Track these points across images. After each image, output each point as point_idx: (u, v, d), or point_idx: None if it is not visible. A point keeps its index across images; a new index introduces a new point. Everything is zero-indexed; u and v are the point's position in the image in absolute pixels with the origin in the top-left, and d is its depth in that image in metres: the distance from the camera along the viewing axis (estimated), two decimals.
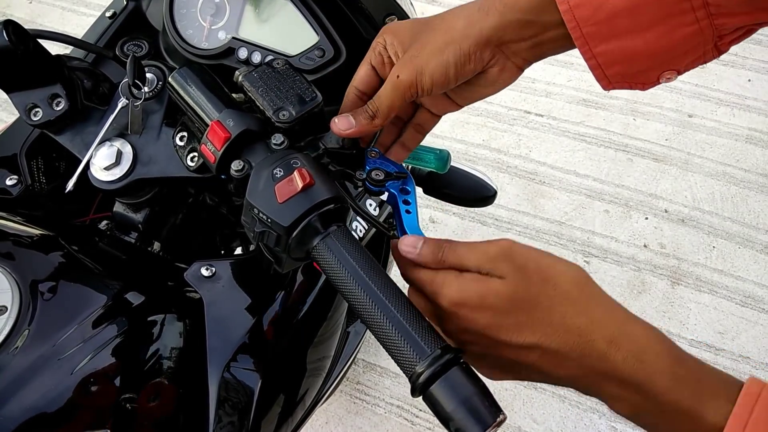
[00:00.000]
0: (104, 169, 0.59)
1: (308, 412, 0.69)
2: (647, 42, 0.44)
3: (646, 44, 0.44)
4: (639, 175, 1.83)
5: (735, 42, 0.44)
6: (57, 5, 2.48)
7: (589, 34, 0.44)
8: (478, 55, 0.48)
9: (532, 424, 1.41)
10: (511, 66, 0.50)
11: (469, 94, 0.54)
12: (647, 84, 0.48)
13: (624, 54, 0.45)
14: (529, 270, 0.42)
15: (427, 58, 0.48)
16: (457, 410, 0.38)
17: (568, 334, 0.40)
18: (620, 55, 0.45)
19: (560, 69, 2.11)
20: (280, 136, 0.50)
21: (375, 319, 0.42)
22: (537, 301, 0.41)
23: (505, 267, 0.42)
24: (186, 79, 0.53)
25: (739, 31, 0.43)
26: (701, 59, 0.45)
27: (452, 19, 0.49)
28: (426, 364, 0.39)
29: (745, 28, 0.43)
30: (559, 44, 0.48)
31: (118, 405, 0.48)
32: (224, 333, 0.55)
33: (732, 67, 2.09)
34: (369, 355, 1.52)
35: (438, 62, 0.48)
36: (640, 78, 0.48)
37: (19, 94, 0.60)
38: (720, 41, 0.44)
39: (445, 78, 0.49)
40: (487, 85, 0.52)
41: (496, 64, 0.50)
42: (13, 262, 0.51)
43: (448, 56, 0.48)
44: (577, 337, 0.40)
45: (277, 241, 0.45)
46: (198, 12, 0.71)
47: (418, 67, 0.49)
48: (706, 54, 0.45)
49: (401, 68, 0.50)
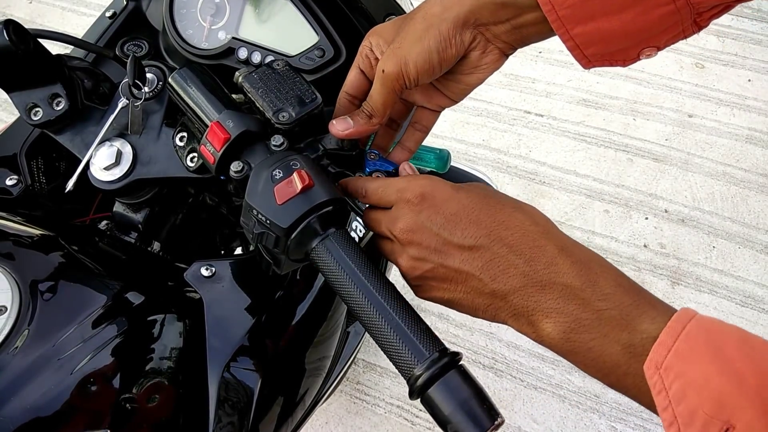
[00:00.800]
0: (104, 169, 0.59)
1: (308, 412, 0.69)
2: (623, 22, 0.44)
3: (623, 24, 0.44)
4: (639, 175, 1.83)
5: (715, 17, 0.44)
6: (57, 5, 2.48)
7: (564, 16, 0.45)
8: (458, 38, 0.48)
9: (532, 424, 1.41)
10: (492, 49, 0.50)
11: (456, 84, 0.54)
12: (627, 61, 0.48)
13: (601, 34, 0.45)
14: (499, 194, 0.46)
15: (409, 48, 0.49)
16: (454, 413, 0.38)
17: (524, 236, 0.42)
18: (597, 36, 0.45)
19: (560, 69, 2.11)
20: (280, 138, 0.50)
21: (373, 321, 0.42)
22: (500, 208, 0.44)
23: (478, 188, 0.46)
24: (186, 80, 0.53)
25: (717, 8, 0.43)
26: (681, 35, 0.45)
27: (429, 7, 0.49)
28: (424, 367, 0.39)
29: (723, 5, 0.43)
30: (539, 29, 0.48)
31: (118, 405, 0.48)
32: (224, 333, 0.55)
33: (732, 67, 2.09)
34: (369, 355, 1.52)
35: (420, 50, 0.48)
36: (619, 56, 0.48)
37: (20, 94, 0.60)
38: (699, 18, 0.44)
39: (429, 65, 0.49)
40: (471, 71, 0.52)
41: (477, 47, 0.50)
42: (13, 262, 0.51)
43: (428, 42, 0.48)
44: (531, 242, 0.41)
45: (276, 242, 0.45)
46: (198, 12, 0.71)
47: (401, 57, 0.49)
48: (686, 30, 0.45)
49: (385, 62, 0.50)
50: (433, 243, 0.44)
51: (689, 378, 0.32)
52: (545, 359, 1.50)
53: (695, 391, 0.32)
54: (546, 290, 0.40)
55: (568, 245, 0.42)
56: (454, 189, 0.46)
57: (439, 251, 0.44)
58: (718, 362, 0.32)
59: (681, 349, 0.33)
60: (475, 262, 0.42)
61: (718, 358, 0.32)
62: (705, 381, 0.32)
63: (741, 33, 2.19)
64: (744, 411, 0.30)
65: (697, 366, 0.32)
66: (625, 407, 1.42)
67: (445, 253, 0.44)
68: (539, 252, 0.41)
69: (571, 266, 0.40)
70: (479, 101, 2.03)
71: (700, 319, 0.35)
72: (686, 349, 0.33)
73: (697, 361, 0.32)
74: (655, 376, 0.34)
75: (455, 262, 0.43)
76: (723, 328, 0.34)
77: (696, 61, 2.11)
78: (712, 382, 0.31)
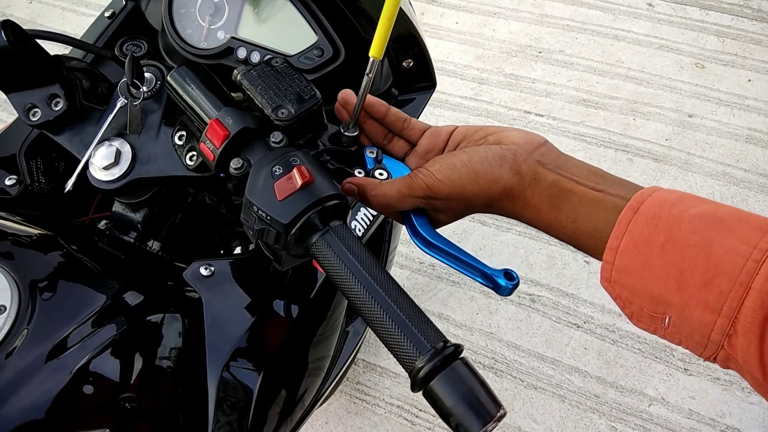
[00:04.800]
0: (103, 168, 0.59)
1: (307, 412, 0.69)
2: None
3: None
4: (639, 175, 1.83)
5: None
6: (57, 5, 2.48)
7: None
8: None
9: (532, 424, 1.41)
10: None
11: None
12: None
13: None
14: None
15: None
16: (457, 405, 0.38)
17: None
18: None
19: (560, 69, 2.11)
20: (279, 134, 0.50)
21: (374, 314, 0.42)
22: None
23: None
24: (184, 78, 0.53)
25: None
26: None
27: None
28: (426, 359, 0.39)
29: None
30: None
31: (117, 404, 0.48)
32: (223, 332, 0.55)
33: (732, 67, 2.09)
34: (369, 355, 1.52)
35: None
36: None
37: (18, 95, 0.60)
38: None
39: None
40: None
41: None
42: (12, 262, 0.51)
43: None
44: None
45: (276, 238, 0.45)
46: (197, 12, 0.71)
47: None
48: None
49: None
50: None
51: (630, 287, 0.41)
52: (545, 359, 1.50)
53: (636, 295, 0.41)
54: None
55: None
56: None
57: None
58: (648, 273, 0.40)
59: (620, 265, 0.41)
60: None
61: (647, 269, 0.40)
62: (641, 288, 0.41)
63: (741, 33, 2.19)
64: (673, 305, 0.39)
65: (633, 278, 0.41)
66: (625, 407, 1.42)
67: None
68: None
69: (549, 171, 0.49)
70: (479, 101, 2.03)
71: (632, 230, 0.41)
72: (623, 265, 0.41)
73: (632, 274, 0.41)
74: (609, 287, 0.43)
75: None
76: (651, 234, 0.40)
77: (696, 61, 2.11)
78: (647, 288, 0.40)
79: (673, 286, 0.39)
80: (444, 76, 2.10)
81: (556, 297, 1.59)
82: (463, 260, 0.51)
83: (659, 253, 0.39)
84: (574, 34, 2.22)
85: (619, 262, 0.41)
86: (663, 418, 1.40)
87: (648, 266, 0.40)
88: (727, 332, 0.37)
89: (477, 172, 0.48)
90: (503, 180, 0.47)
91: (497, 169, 0.48)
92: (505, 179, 0.47)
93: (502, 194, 0.48)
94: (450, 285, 1.62)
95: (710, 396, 1.43)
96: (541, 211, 0.47)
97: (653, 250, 0.40)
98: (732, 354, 0.37)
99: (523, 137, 0.50)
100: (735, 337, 0.37)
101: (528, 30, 2.24)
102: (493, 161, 0.48)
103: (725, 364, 0.39)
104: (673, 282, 0.39)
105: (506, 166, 0.48)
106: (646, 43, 2.18)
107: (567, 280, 1.62)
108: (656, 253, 0.39)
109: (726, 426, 1.39)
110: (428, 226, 0.52)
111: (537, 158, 0.48)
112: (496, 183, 0.48)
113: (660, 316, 0.40)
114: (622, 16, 2.27)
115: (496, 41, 2.21)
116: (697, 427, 1.39)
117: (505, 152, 0.48)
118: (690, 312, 0.38)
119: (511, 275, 0.49)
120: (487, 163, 0.48)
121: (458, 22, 2.29)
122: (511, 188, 0.47)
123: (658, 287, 0.39)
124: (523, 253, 1.67)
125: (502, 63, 2.14)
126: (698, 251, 0.38)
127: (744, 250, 0.36)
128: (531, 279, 1.63)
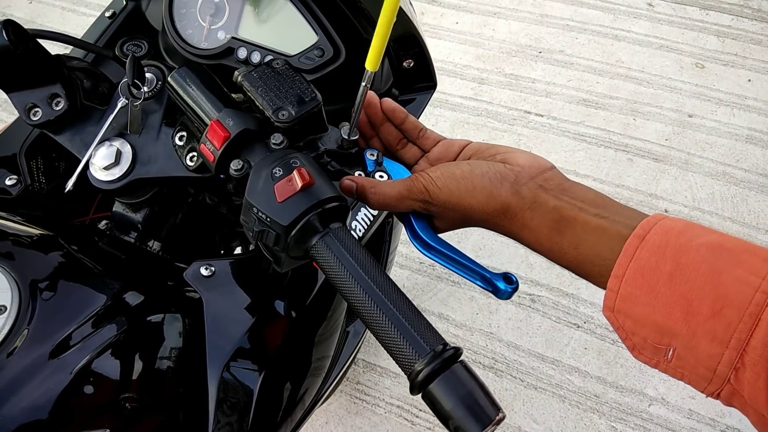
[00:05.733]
0: (103, 168, 0.59)
1: (308, 412, 0.69)
2: None
3: None
4: (639, 175, 1.83)
5: None
6: (57, 5, 2.48)
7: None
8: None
9: (532, 424, 1.41)
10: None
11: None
12: None
13: None
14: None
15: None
16: (456, 408, 0.38)
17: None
18: None
19: (560, 69, 2.11)
20: (280, 136, 0.50)
21: (374, 317, 0.42)
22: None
23: None
24: (185, 79, 0.53)
25: None
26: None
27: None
28: (425, 362, 0.39)
29: None
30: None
31: (118, 405, 0.48)
32: (223, 332, 0.55)
33: (732, 67, 2.09)
34: (369, 355, 1.52)
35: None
36: None
37: (19, 94, 0.60)
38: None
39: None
40: None
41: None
42: (12, 262, 0.51)
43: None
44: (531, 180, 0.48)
45: (276, 240, 0.45)
46: (197, 12, 0.71)
47: None
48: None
49: None
50: None
51: (635, 316, 0.40)
52: (545, 359, 1.50)
53: (641, 325, 0.40)
54: None
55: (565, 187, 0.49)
56: None
57: None
58: (654, 301, 0.39)
59: (625, 293, 0.41)
60: None
61: (653, 297, 0.39)
62: (646, 317, 0.40)
63: (741, 33, 2.19)
64: (678, 336, 0.38)
65: (638, 307, 0.40)
66: (625, 407, 1.42)
67: None
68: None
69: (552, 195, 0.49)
70: (479, 101, 2.03)
71: (638, 258, 0.40)
72: (628, 294, 0.40)
73: (638, 302, 0.40)
74: (611, 317, 0.42)
75: None
76: (658, 262, 0.39)
77: (696, 61, 2.11)
78: (651, 318, 0.39)
79: (680, 315, 0.38)
80: (444, 76, 2.10)
81: (556, 297, 1.59)
82: (463, 263, 0.51)
83: (666, 282, 0.39)
84: (574, 34, 2.22)
85: (624, 291, 0.41)
86: (663, 418, 1.40)
87: (654, 295, 0.39)
88: (734, 365, 0.36)
89: (475, 185, 0.48)
90: (501, 197, 0.47)
91: (496, 186, 0.48)
92: (503, 197, 0.47)
93: (498, 211, 0.48)
94: (450, 285, 1.62)
95: None
96: (541, 236, 0.47)
97: (660, 279, 0.39)
98: (738, 389, 0.36)
99: (529, 160, 0.50)
100: (743, 370, 0.36)
101: (528, 30, 2.24)
102: (494, 177, 0.48)
103: (728, 401, 0.38)
104: (680, 312, 0.38)
105: (506, 185, 0.48)
106: (646, 43, 2.18)
107: (567, 280, 1.62)
108: (663, 282, 0.39)
109: (726, 426, 1.39)
110: (428, 229, 0.52)
111: (539, 182, 0.48)
112: (493, 199, 0.48)
113: (664, 347, 0.39)
114: (622, 16, 2.27)
115: (496, 41, 2.21)
116: (697, 427, 1.39)
117: (508, 171, 0.49)
118: (696, 343, 0.37)
119: (511, 279, 0.49)
120: (486, 179, 0.48)
121: (458, 22, 2.29)
122: (508, 207, 0.47)
123: (664, 317, 0.39)
124: (523, 253, 1.67)
125: (502, 63, 2.14)
126: (706, 281, 0.37)
127: (753, 281, 0.36)
128: (531, 279, 1.63)
